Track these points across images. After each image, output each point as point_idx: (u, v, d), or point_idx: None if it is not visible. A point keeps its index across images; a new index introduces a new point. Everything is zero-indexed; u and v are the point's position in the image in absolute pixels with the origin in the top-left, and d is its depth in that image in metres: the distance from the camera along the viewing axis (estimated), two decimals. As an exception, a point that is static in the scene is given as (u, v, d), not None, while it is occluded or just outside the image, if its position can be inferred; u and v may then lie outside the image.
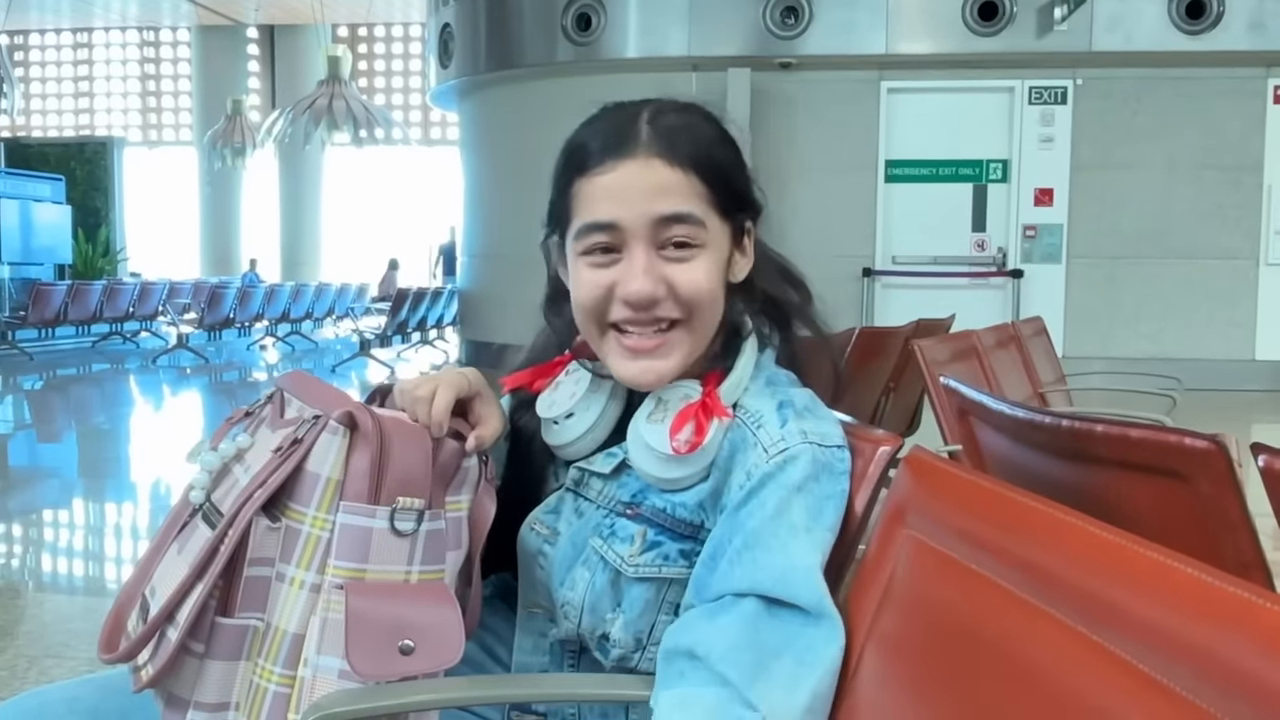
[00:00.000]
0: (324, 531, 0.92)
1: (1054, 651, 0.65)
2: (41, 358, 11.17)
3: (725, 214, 0.99)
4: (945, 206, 8.84)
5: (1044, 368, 3.52)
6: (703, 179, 0.96)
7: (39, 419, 8.05)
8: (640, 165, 0.96)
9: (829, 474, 0.94)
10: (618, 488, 1.02)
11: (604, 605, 0.99)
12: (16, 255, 14.40)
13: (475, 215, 10.60)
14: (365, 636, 0.89)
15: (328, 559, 0.91)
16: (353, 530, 0.92)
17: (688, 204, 0.96)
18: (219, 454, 0.98)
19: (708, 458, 0.96)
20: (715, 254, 0.98)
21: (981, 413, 1.58)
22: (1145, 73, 8.43)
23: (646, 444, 0.97)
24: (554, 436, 1.05)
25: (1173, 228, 8.56)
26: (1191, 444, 1.00)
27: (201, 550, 0.91)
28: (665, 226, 0.96)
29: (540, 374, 1.08)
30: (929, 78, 8.66)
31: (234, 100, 15.86)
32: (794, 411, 0.96)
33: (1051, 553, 0.69)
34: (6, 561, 3.89)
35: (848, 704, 0.85)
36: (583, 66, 8.86)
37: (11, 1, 15.55)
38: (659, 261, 0.96)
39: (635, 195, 0.95)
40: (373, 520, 0.92)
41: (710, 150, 0.98)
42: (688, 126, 0.99)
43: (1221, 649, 0.53)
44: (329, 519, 0.92)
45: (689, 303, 0.97)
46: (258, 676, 0.91)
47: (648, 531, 0.98)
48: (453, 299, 12.30)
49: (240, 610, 0.92)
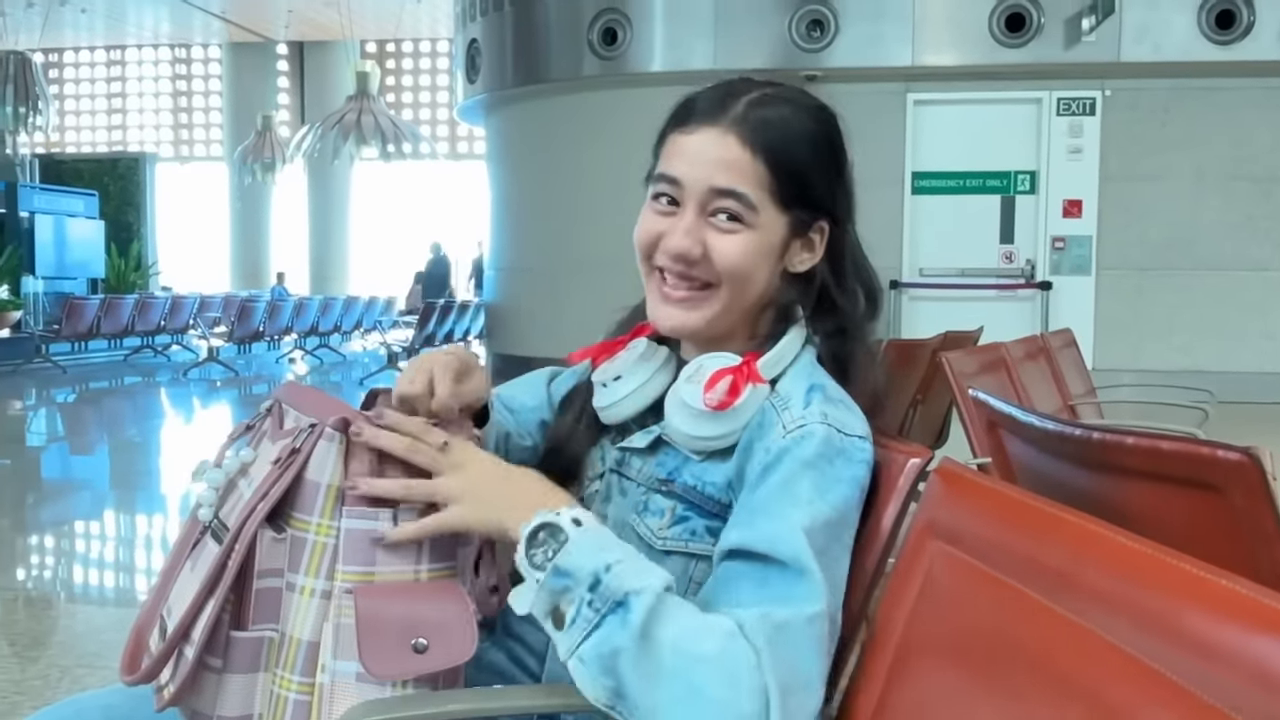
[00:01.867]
0: (329, 538, 0.93)
1: (1085, 661, 0.65)
2: (74, 371, 11.30)
3: (785, 205, 1.03)
4: (973, 218, 8.80)
5: (1074, 380, 3.50)
6: (769, 167, 1.01)
7: (71, 431, 8.14)
8: (717, 136, 1.02)
9: (843, 458, 0.95)
10: (655, 465, 1.05)
11: None
12: (50, 269, 14.59)
13: (502, 229, 10.65)
14: (377, 638, 0.90)
15: (335, 565, 0.92)
16: (358, 534, 0.93)
17: (745, 184, 1.01)
18: (223, 470, 0.99)
19: (738, 421, 0.99)
20: (762, 237, 1.02)
21: (1011, 425, 1.57)
22: (1174, 83, 8.37)
23: (682, 400, 1.02)
24: (601, 398, 1.10)
25: (1202, 239, 8.49)
26: (1225, 456, 1.00)
27: (211, 566, 0.92)
28: (717, 197, 1.01)
29: (606, 349, 1.13)
30: (956, 89, 8.63)
31: (264, 116, 16.03)
32: (822, 396, 0.99)
33: (1082, 563, 0.69)
34: (39, 572, 3.93)
35: (881, 711, 0.85)
36: (608, 80, 8.90)
37: (46, 20, 15.81)
38: (705, 226, 1.02)
39: (703, 161, 1.02)
40: (376, 523, 0.93)
41: (790, 144, 1.03)
42: (780, 116, 1.03)
43: (1254, 659, 0.52)
44: (333, 525, 0.93)
45: (721, 270, 1.02)
46: (277, 686, 0.92)
47: (677, 506, 1.02)
48: (479, 312, 12.35)
49: (254, 623, 0.93)
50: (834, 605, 0.91)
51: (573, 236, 8.98)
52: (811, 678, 0.88)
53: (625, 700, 0.85)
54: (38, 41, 16.15)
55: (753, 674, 0.85)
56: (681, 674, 0.84)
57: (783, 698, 0.85)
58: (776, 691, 0.84)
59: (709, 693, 0.84)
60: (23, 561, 4.06)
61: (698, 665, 0.85)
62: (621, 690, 0.85)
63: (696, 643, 0.85)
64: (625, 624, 0.85)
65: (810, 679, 0.88)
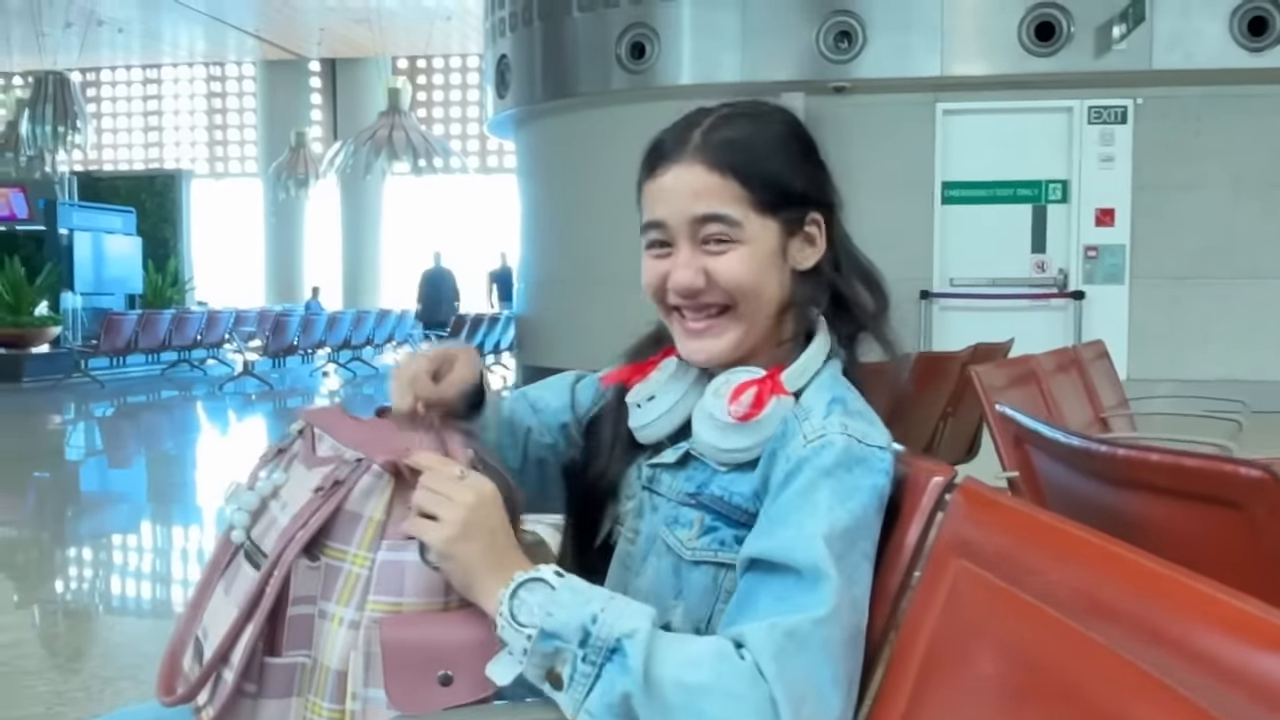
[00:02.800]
0: (364, 569, 0.94)
1: (1105, 680, 0.66)
2: (113, 385, 11.47)
3: (769, 211, 1.05)
4: (1004, 228, 8.75)
5: (1106, 392, 3.48)
6: (740, 181, 1.04)
7: (110, 445, 8.26)
8: (684, 169, 1.05)
9: (863, 467, 0.96)
10: (684, 480, 1.07)
11: (667, 592, 1.03)
12: (89, 285, 14.82)
13: (532, 242, 10.70)
14: (401, 670, 0.91)
15: (367, 595, 0.94)
16: (391, 565, 0.94)
17: (723, 205, 1.04)
18: (256, 493, 1.01)
19: (763, 433, 1.01)
20: (756, 248, 1.05)
21: (1037, 440, 1.57)
22: (1207, 90, 8.29)
23: (708, 413, 1.04)
24: (636, 418, 1.13)
25: (1239, 247, 8.39)
26: (1246, 474, 1.00)
27: (248, 593, 0.94)
28: (703, 225, 1.04)
29: (638, 370, 1.16)
30: (986, 99, 8.60)
31: (297, 132, 16.23)
32: (843, 408, 1.01)
33: (1103, 584, 0.70)
34: (78, 585, 3.99)
35: (901, 732, 0.86)
36: (637, 94, 8.94)
37: (84, 41, 16.09)
38: (701, 255, 1.05)
39: (677, 197, 1.05)
40: (405, 554, 0.94)
41: (753, 154, 1.05)
42: (738, 131, 1.06)
43: (1262, 676, 0.53)
44: (370, 557, 0.95)
45: (730, 289, 1.05)
46: (309, 711, 0.94)
47: (705, 517, 1.03)
48: (509, 324, 12.41)
49: (287, 649, 0.95)
50: (856, 613, 0.92)
51: (602, 249, 9.01)
52: (823, 684, 0.88)
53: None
54: (76, 61, 16.43)
55: (753, 688, 0.85)
56: (687, 707, 0.86)
57: (795, 707, 0.85)
58: (786, 701, 0.85)
59: (716, 716, 0.85)
60: (62, 574, 4.13)
61: (699, 696, 0.86)
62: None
63: (693, 673, 0.87)
64: (626, 669, 0.86)
65: (822, 685, 0.88)
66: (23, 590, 3.77)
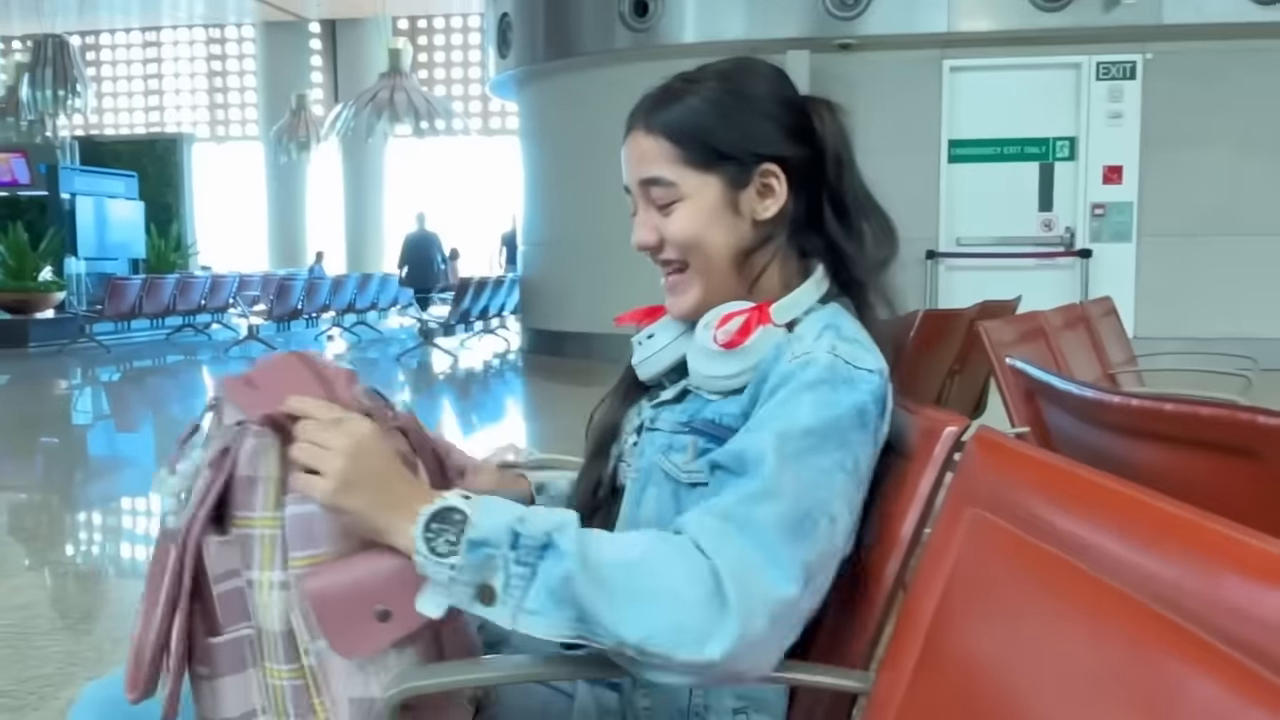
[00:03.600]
0: (275, 530, 0.92)
1: (1125, 627, 0.65)
2: (118, 350, 11.48)
3: (704, 166, 1.08)
4: (1010, 186, 8.69)
5: (1114, 348, 3.47)
6: (671, 140, 1.09)
7: (117, 410, 8.28)
8: (633, 136, 1.12)
9: (848, 386, 0.98)
10: (680, 411, 1.11)
11: (667, 518, 1.04)
12: (92, 250, 14.80)
13: (535, 203, 10.66)
14: (337, 619, 0.89)
15: (287, 554, 0.92)
16: (299, 520, 0.92)
17: (656, 168, 1.09)
18: (180, 475, 0.97)
19: (749, 360, 1.04)
20: (697, 203, 1.09)
21: (1049, 393, 1.56)
22: (1217, 46, 8.20)
23: (698, 343, 1.09)
24: (637, 355, 1.18)
25: (1247, 204, 8.34)
26: (1265, 422, 0.99)
27: (167, 582, 0.93)
28: (648, 188, 1.11)
29: (650, 313, 1.20)
30: (993, 55, 8.51)
31: (298, 95, 16.10)
32: (835, 333, 1.03)
33: (1121, 528, 0.69)
34: (88, 548, 4.01)
35: (917, 681, 0.86)
36: (640, 53, 8.86)
37: (82, 3, 15.95)
38: (655, 214, 1.12)
39: (629, 163, 1.13)
40: (310, 505, 0.92)
41: (685, 111, 1.09)
42: (676, 95, 1.11)
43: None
44: (278, 516, 0.93)
45: (677, 244, 1.10)
46: (269, 678, 0.94)
47: (698, 441, 1.06)
48: (514, 287, 12.38)
49: (226, 626, 0.94)
50: (806, 503, 0.92)
51: (606, 210, 8.92)
52: (763, 564, 0.89)
53: (589, 621, 0.86)
54: (75, 24, 16.31)
55: (694, 561, 0.87)
56: (628, 582, 0.86)
57: (737, 581, 0.86)
58: (728, 575, 0.86)
59: (656, 586, 0.86)
60: (72, 537, 4.15)
61: (637, 569, 0.87)
62: (584, 614, 0.86)
63: (630, 551, 0.89)
64: (562, 556, 0.86)
65: (764, 565, 0.89)
66: (33, 553, 3.79)
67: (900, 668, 0.88)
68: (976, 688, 0.80)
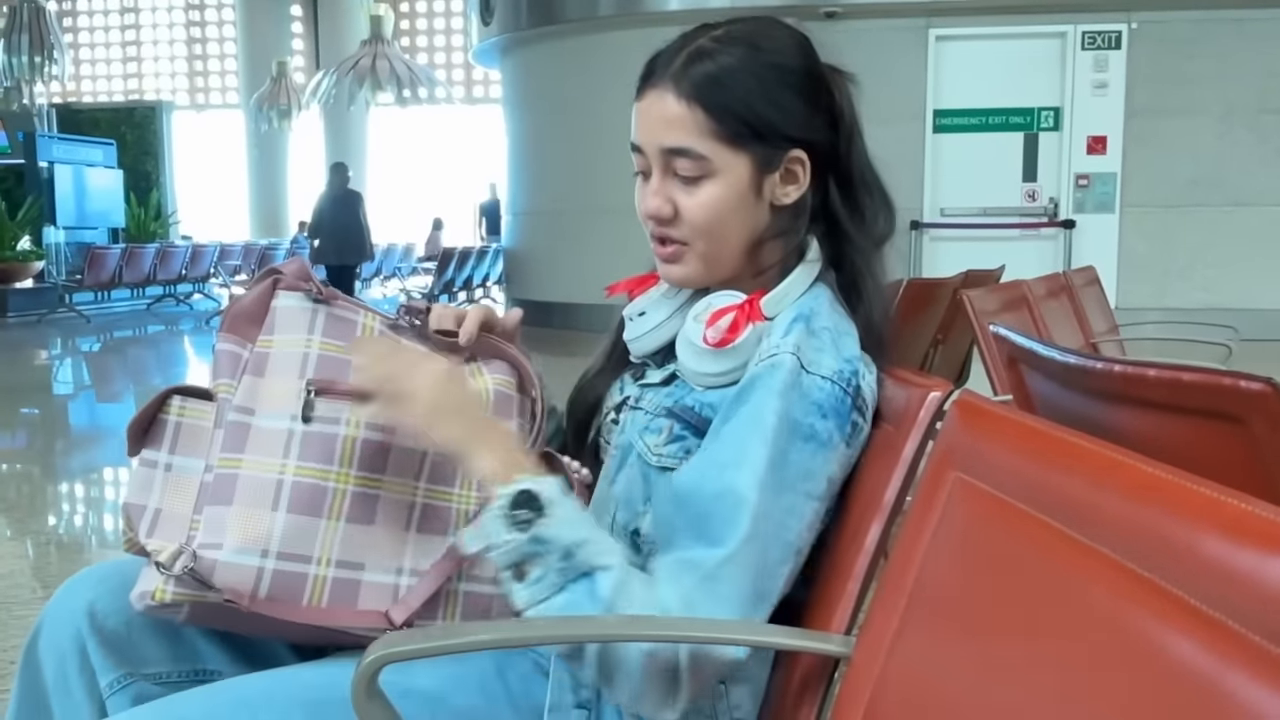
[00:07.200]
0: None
1: (1104, 588, 0.65)
2: (98, 320, 11.40)
3: (739, 144, 1.01)
4: (995, 156, 8.68)
5: (1096, 318, 3.47)
6: (708, 112, 1.00)
7: (98, 380, 8.24)
8: (657, 95, 1.02)
9: (804, 401, 0.96)
10: (664, 395, 1.09)
11: (636, 498, 1.05)
12: (71, 219, 14.63)
13: (519, 173, 10.59)
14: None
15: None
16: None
17: (688, 139, 1.01)
18: None
19: (740, 358, 1.01)
20: (726, 183, 1.02)
21: (1032, 360, 1.56)
22: (1202, 14, 8.18)
23: (688, 338, 1.05)
24: (628, 331, 1.14)
25: (1230, 175, 8.35)
26: (1246, 386, 0.99)
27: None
28: (671, 157, 1.02)
29: (640, 283, 1.17)
30: (978, 24, 8.47)
31: (279, 62, 15.94)
32: (804, 326, 1.00)
33: (1101, 490, 0.69)
34: (69, 518, 4.00)
35: (898, 646, 0.86)
36: (625, 20, 8.78)
37: (59, -33, 15.70)
38: (671, 184, 1.04)
39: (650, 124, 1.03)
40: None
41: (726, 84, 1.00)
42: (717, 60, 1.01)
43: (1273, 580, 0.52)
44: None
45: (697, 226, 1.03)
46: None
47: (675, 426, 1.04)
48: (498, 257, 12.34)
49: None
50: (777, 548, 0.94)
51: (591, 179, 8.92)
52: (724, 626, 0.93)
53: (578, 659, 0.92)
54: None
55: (666, 673, 0.91)
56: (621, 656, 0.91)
57: (697, 661, 0.91)
58: (687, 665, 0.91)
59: (635, 671, 0.91)
60: (54, 507, 4.13)
61: (630, 653, 0.91)
62: (579, 650, 0.91)
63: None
64: (594, 596, 0.90)
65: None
66: (14, 523, 3.77)
67: (882, 632, 0.88)
68: (958, 652, 0.80)
